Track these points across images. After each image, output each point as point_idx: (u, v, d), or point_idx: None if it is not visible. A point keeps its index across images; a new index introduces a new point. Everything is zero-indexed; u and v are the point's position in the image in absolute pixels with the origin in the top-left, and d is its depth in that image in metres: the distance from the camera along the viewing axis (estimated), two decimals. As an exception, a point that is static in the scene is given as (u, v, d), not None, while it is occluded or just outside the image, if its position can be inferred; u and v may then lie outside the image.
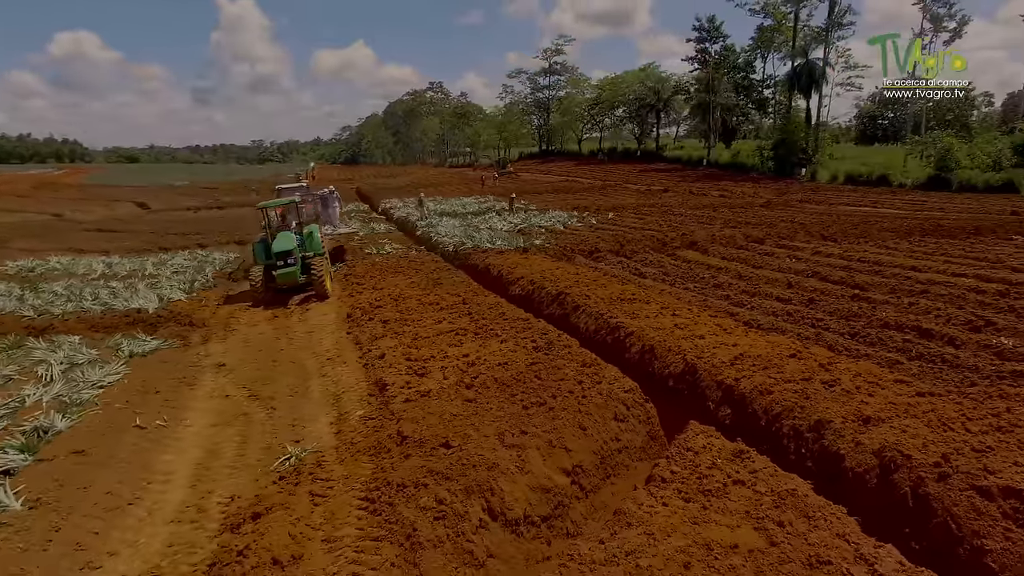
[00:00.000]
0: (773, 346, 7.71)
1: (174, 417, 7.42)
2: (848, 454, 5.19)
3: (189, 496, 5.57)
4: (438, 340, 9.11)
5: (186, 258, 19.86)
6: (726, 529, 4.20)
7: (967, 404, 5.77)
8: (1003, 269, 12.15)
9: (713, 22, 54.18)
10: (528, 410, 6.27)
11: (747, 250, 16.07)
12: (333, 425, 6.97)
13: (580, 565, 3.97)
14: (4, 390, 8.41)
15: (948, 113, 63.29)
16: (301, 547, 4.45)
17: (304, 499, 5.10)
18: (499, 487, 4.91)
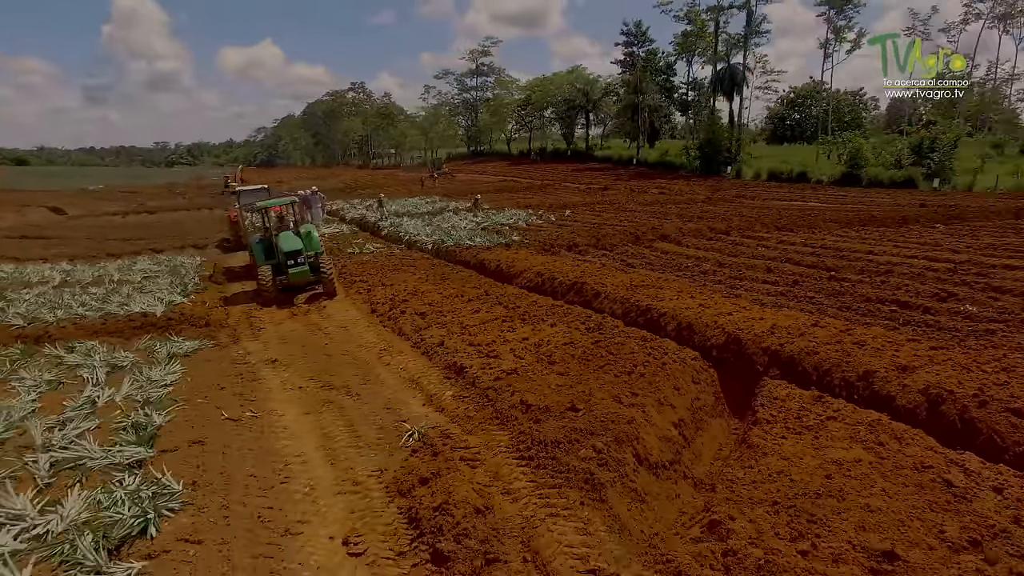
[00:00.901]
0: (793, 319, 8.94)
1: (258, 409, 7.68)
2: (898, 394, 6.39)
3: (335, 473, 6.00)
4: (488, 327, 9.76)
5: (151, 263, 19.29)
6: (842, 450, 5.24)
7: (972, 354, 7.17)
8: (944, 251, 14.21)
9: (640, 27, 56.92)
10: (619, 377, 7.13)
11: (717, 241, 17.63)
12: (428, 405, 7.50)
13: (743, 486, 4.88)
14: (60, 394, 8.33)
15: (846, 115, 69.63)
16: (487, 500, 5.08)
17: (460, 464, 5.70)
18: (641, 436, 5.74)
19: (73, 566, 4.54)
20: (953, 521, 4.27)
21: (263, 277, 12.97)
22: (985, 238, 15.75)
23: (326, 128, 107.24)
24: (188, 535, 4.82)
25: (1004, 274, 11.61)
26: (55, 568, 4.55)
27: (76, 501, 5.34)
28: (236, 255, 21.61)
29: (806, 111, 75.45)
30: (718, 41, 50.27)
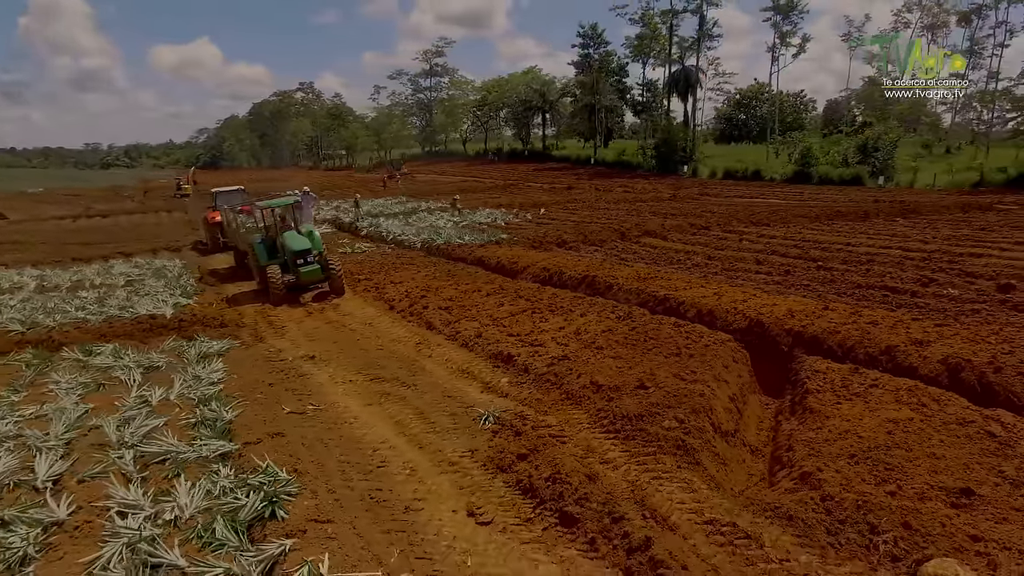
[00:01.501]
0: (803, 304, 9.75)
1: (317, 403, 7.88)
2: (920, 364, 7.20)
3: (426, 455, 6.31)
4: (519, 319, 10.20)
5: (129, 267, 18.86)
6: (893, 411, 5.96)
7: (973, 329, 8.11)
8: (913, 242, 15.53)
9: (595, 29, 58.25)
10: (670, 359, 7.71)
11: (700, 236, 18.56)
12: (487, 392, 7.87)
13: (819, 444, 5.52)
14: (103, 395, 8.30)
15: (788, 116, 73.09)
16: (591, 469, 5.54)
17: (550, 441, 6.13)
18: (713, 408, 6.32)
19: (218, 547, 4.74)
20: (1007, 463, 5.02)
21: (273, 277, 12.96)
22: (944, 230, 17.25)
23: (273, 129, 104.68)
24: (316, 516, 5.07)
25: (973, 261, 12.87)
26: (200, 549, 4.74)
27: (187, 490, 5.50)
28: (216, 257, 21.25)
29: (751, 112, 78.75)
30: (672, 44, 52.01)
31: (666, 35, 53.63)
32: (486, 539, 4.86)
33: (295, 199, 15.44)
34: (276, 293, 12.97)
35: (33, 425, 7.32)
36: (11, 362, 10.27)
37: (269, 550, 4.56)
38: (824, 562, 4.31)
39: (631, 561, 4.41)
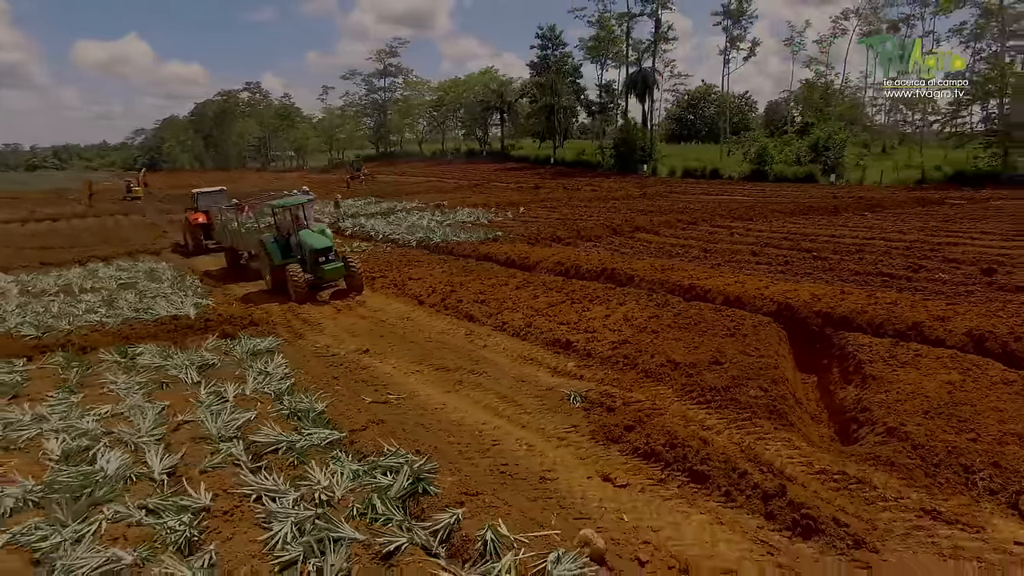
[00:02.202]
0: (821, 289, 10.63)
1: (394, 393, 8.16)
2: (947, 337, 8.12)
3: (532, 433, 6.70)
4: (561, 309, 10.69)
5: (115, 270, 18.38)
6: (943, 375, 6.79)
7: (981, 307, 9.14)
8: (891, 233, 16.89)
9: (554, 31, 59.27)
10: (727, 339, 8.38)
11: (689, 230, 19.51)
12: (559, 375, 8.34)
13: (892, 404, 6.27)
14: (170, 393, 8.31)
15: (735, 117, 76.21)
16: (698, 434, 6.11)
17: (649, 413, 6.67)
18: (787, 378, 7.01)
19: (385, 521, 5.03)
20: (1060, 411, 5.90)
21: (296, 276, 12.99)
22: (913, 222, 18.81)
23: (218, 130, 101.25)
24: (465, 490, 5.42)
25: (951, 249, 14.21)
26: (368, 525, 5.02)
27: (324, 475, 5.74)
28: (201, 259, 20.86)
29: (699, 112, 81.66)
30: (629, 46, 53.59)
31: (622, 37, 55.17)
32: (630, 499, 5.35)
33: (309, 198, 15.44)
34: (299, 291, 13.01)
35: (114, 423, 7.33)
36: (45, 365, 10.07)
37: (443, 519, 4.89)
38: (932, 498, 5.01)
39: (770, 506, 4.99)
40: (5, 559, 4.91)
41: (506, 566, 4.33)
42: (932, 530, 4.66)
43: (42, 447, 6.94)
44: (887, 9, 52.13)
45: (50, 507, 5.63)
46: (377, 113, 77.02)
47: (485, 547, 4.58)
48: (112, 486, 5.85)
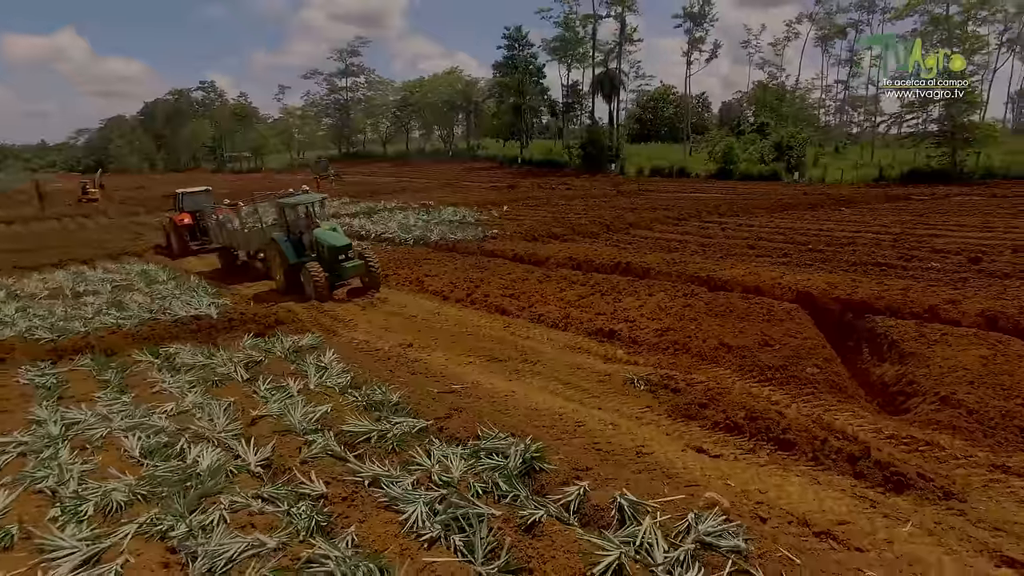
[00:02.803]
0: (834, 278, 11.35)
1: (456, 382, 8.39)
2: (961, 318, 8.88)
3: (611, 414, 7.05)
4: (592, 301, 11.12)
5: (104, 273, 17.93)
6: (974, 350, 7.50)
7: (982, 292, 9.99)
8: (874, 227, 17.96)
9: (520, 31, 59.77)
10: (764, 324, 8.95)
11: (680, 226, 20.25)
12: (612, 362, 8.71)
13: (937, 376, 6.91)
14: (230, 389, 8.35)
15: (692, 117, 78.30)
16: (770, 406, 6.61)
17: (717, 391, 7.13)
18: (835, 356, 7.59)
19: (514, 498, 5.30)
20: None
21: (317, 274, 12.99)
22: (888, 216, 20.03)
23: (170, 130, 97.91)
24: (574, 465, 5.74)
25: (935, 241, 15.29)
26: (497, 502, 5.28)
27: (434, 459, 5.97)
28: (188, 260, 20.47)
29: (658, 113, 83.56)
30: (595, 47, 54.57)
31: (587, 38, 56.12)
32: (728, 467, 5.79)
33: (322, 196, 15.41)
34: (321, 289, 13.01)
35: (184, 420, 7.37)
36: (77, 368, 9.89)
37: (571, 492, 5.21)
38: (997, 456, 5.63)
39: (858, 467, 5.51)
40: (142, 548, 5.00)
41: (648, 528, 4.69)
42: (1007, 482, 5.26)
43: (118, 445, 6.94)
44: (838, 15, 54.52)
45: (163, 500, 5.71)
46: (339, 113, 75.88)
47: (621, 513, 4.93)
48: (215, 479, 5.94)
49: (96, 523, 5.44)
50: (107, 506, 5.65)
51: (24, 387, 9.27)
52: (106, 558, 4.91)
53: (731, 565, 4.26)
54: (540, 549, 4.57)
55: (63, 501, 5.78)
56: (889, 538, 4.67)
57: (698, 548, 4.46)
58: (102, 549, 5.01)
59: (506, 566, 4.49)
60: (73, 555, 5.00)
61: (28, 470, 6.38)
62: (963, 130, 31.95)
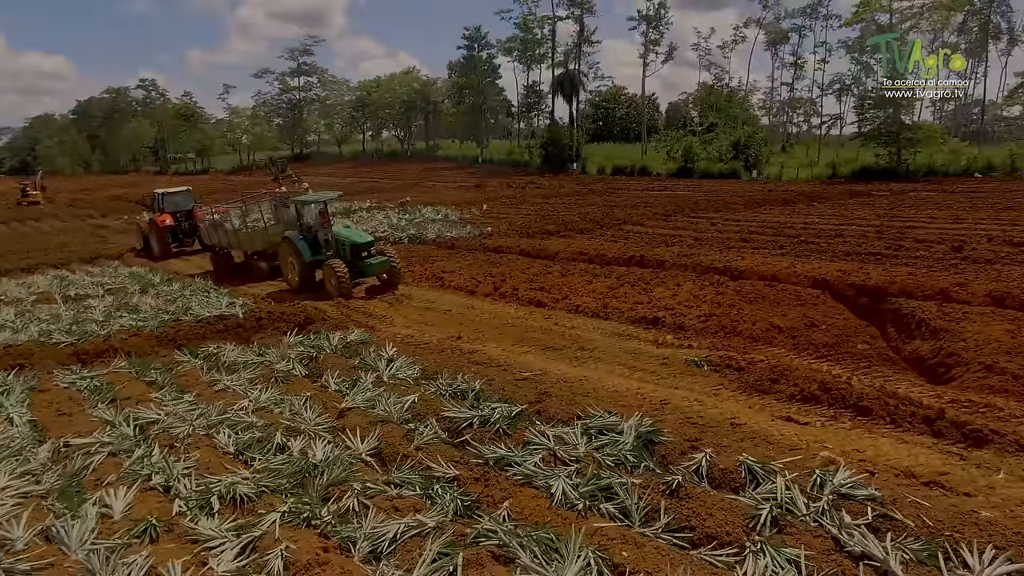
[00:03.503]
0: (843, 266, 12.22)
1: (524, 370, 8.66)
2: (971, 299, 9.80)
3: (689, 392, 7.46)
4: (622, 291, 11.62)
5: (89, 277, 17.37)
6: (997, 325, 8.37)
7: (982, 276, 11.00)
8: (855, 220, 19.17)
9: (479, 31, 60.03)
10: (798, 308, 9.64)
11: (671, 222, 21.05)
12: (664, 347, 9.19)
13: (975, 348, 7.70)
14: (298, 385, 8.39)
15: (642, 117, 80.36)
16: (837, 380, 7.22)
17: (783, 367, 7.70)
18: (877, 334, 8.30)
19: (646, 470, 5.66)
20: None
21: (341, 271, 12.96)
22: (861, 210, 21.42)
23: (106, 130, 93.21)
24: (687, 438, 6.14)
25: (915, 232, 16.51)
26: (629, 472, 5.62)
27: (552, 439, 6.25)
28: (172, 263, 19.94)
29: (610, 113, 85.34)
30: (554, 48, 55.46)
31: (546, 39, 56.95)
32: (819, 432, 6.33)
33: (337, 194, 15.34)
34: (345, 287, 12.99)
35: (266, 416, 7.41)
36: (116, 370, 9.64)
37: (697, 458, 5.61)
38: (1048, 413, 6.38)
39: (935, 427, 6.16)
40: (299, 535, 5.07)
41: (782, 485, 5.14)
42: (1067, 434, 6.00)
43: (209, 442, 6.91)
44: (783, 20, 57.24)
45: (293, 490, 5.79)
46: (292, 113, 74.06)
47: (750, 474, 5.37)
48: (336, 469, 6.02)
49: (228, 515, 5.48)
50: (233, 498, 5.69)
51: (66, 391, 9.01)
52: (262, 546, 4.98)
53: (872, 511, 4.76)
54: (693, 508, 4.95)
55: (186, 496, 5.77)
56: (989, 484, 5.28)
57: (836, 499, 4.94)
58: (254, 537, 5.06)
59: (667, 526, 4.85)
60: (224, 544, 5.05)
61: (128, 469, 6.31)
62: (907, 130, 34.27)
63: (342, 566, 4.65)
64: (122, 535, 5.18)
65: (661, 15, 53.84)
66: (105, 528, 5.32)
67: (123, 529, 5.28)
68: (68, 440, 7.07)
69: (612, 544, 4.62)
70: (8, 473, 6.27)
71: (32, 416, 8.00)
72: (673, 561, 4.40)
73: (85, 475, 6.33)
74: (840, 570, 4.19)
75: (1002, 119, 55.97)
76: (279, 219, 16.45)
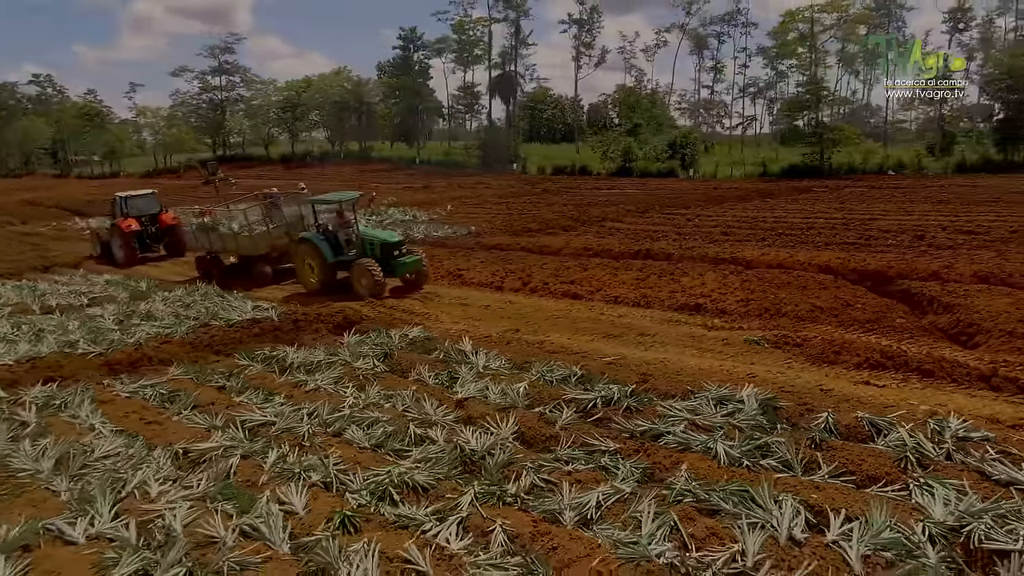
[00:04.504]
0: (835, 254, 13.61)
1: (604, 353, 9.23)
2: (960, 279, 11.32)
3: (767, 367, 8.17)
4: (651, 282, 12.46)
5: (57, 284, 16.36)
6: (1000, 299, 9.78)
7: (962, 260, 12.64)
8: (819, 214, 20.95)
9: (415, 32, 59.63)
10: (825, 291, 10.79)
11: (647, 218, 22.20)
12: (714, 330, 10.03)
13: (990, 318, 9.04)
14: (391, 381, 8.53)
15: (567, 118, 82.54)
16: (892, 350, 8.30)
17: (833, 341, 8.71)
18: (907, 309, 9.53)
19: (782, 430, 6.38)
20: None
21: (377, 271, 12.94)
22: (814, 205, 23.47)
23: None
24: (796, 402, 6.93)
25: (879, 223, 18.37)
26: (776, 431, 6.32)
27: (677, 412, 6.87)
28: (137, 270, 18.98)
29: (538, 114, 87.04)
30: (491, 50, 56.16)
31: (482, 41, 57.58)
32: (898, 392, 7.26)
33: (359, 194, 15.25)
34: (380, 286, 12.97)
35: (379, 411, 7.56)
36: (176, 377, 9.33)
37: (821, 418, 6.40)
38: (1072, 370, 7.69)
39: (992, 383, 7.29)
40: (501, 512, 5.35)
41: (906, 434, 6.01)
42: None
43: (339, 439, 7.00)
44: (705, 27, 60.84)
45: (461, 476, 6.05)
46: (214, 113, 70.31)
47: (872, 427, 6.23)
48: (498, 453, 6.33)
49: (412, 503, 5.66)
50: (411, 488, 5.87)
51: (131, 400, 8.67)
52: (472, 524, 5.25)
53: (991, 447, 5.70)
54: (843, 457, 5.69)
55: (357, 489, 5.87)
56: (1063, 425, 6.39)
57: (957, 441, 5.87)
58: (463, 518, 5.31)
59: (830, 472, 5.58)
60: (431, 526, 5.28)
61: (276, 469, 6.33)
62: (828, 131, 37.62)
63: (565, 534, 5.05)
64: (321, 528, 5.27)
65: (594, 19, 55.71)
66: (296, 524, 5.39)
67: (317, 524, 5.35)
68: (185, 446, 6.94)
69: (796, 490, 5.29)
70: (153, 480, 6.16)
71: (115, 426, 7.71)
72: (857, 499, 5.13)
73: (233, 478, 6.29)
74: (1000, 495, 5.06)
75: (900, 122, 61.84)
76: (277, 220, 16.13)
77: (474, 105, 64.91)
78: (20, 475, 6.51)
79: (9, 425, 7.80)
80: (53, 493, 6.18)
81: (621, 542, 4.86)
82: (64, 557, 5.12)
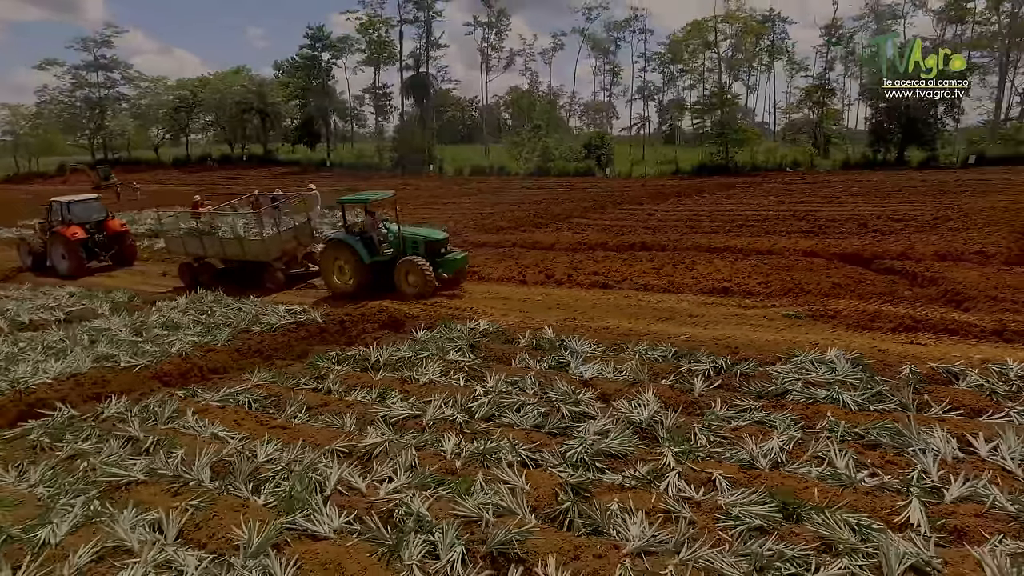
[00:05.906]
0: (814, 240, 15.52)
1: (669, 334, 10.14)
2: (922, 259, 13.44)
3: (819, 335, 9.46)
4: (667, 270, 13.60)
5: (22, 301, 14.85)
6: (969, 272, 11.84)
7: (928, 241, 14.92)
8: (766, 206, 23.15)
9: (322, 31, 57.59)
10: (831, 271, 12.44)
11: (609, 215, 23.49)
12: (748, 309, 11.25)
13: (983, 291, 11.02)
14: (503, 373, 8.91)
15: (468, 120, 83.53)
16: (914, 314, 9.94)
17: (864, 311, 10.24)
18: (908, 284, 11.34)
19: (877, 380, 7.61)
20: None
21: (428, 269, 12.91)
22: (753, 199, 25.90)
23: None
24: (874, 360, 8.24)
25: (818, 214, 20.74)
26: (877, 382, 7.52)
27: (790, 374, 7.94)
28: (99, 278, 17.61)
29: (440, 115, 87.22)
30: (403, 51, 55.70)
31: (384, 42, 56.85)
32: (937, 347, 8.75)
33: (392, 193, 15.11)
34: (431, 284, 12.95)
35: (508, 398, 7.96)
36: (259, 384, 9.10)
37: (905, 368, 7.72)
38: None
39: (1004, 336, 9.05)
40: (710, 466, 6.11)
41: (978, 377, 7.45)
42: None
43: (496, 424, 7.34)
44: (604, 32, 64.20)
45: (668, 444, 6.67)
46: (92, 112, 63.48)
47: (948, 374, 7.64)
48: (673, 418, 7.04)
49: (613, 470, 6.23)
50: (609, 456, 6.42)
51: (225, 409, 8.39)
52: (688, 476, 5.95)
53: (1051, 384, 7.24)
54: (943, 396, 7.00)
55: (555, 464, 6.32)
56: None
57: (1019, 379, 7.39)
58: (677, 473, 5.97)
59: (944, 408, 6.84)
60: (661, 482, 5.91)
61: (467, 455, 6.59)
62: (733, 131, 41.39)
63: (769, 476, 5.87)
64: (559, 499, 5.67)
65: (501, 22, 56.97)
66: (528, 497, 5.70)
67: (545, 496, 5.73)
68: (345, 445, 6.95)
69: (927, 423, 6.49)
70: (349, 475, 6.22)
71: (243, 433, 7.51)
72: (976, 427, 6.39)
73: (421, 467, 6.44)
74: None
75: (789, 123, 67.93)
76: (284, 223, 15.74)
77: (385, 106, 63.86)
78: (191, 484, 6.31)
79: (118, 440, 7.39)
80: (241, 499, 6.06)
81: (823, 475, 5.78)
82: (328, 550, 5.13)
